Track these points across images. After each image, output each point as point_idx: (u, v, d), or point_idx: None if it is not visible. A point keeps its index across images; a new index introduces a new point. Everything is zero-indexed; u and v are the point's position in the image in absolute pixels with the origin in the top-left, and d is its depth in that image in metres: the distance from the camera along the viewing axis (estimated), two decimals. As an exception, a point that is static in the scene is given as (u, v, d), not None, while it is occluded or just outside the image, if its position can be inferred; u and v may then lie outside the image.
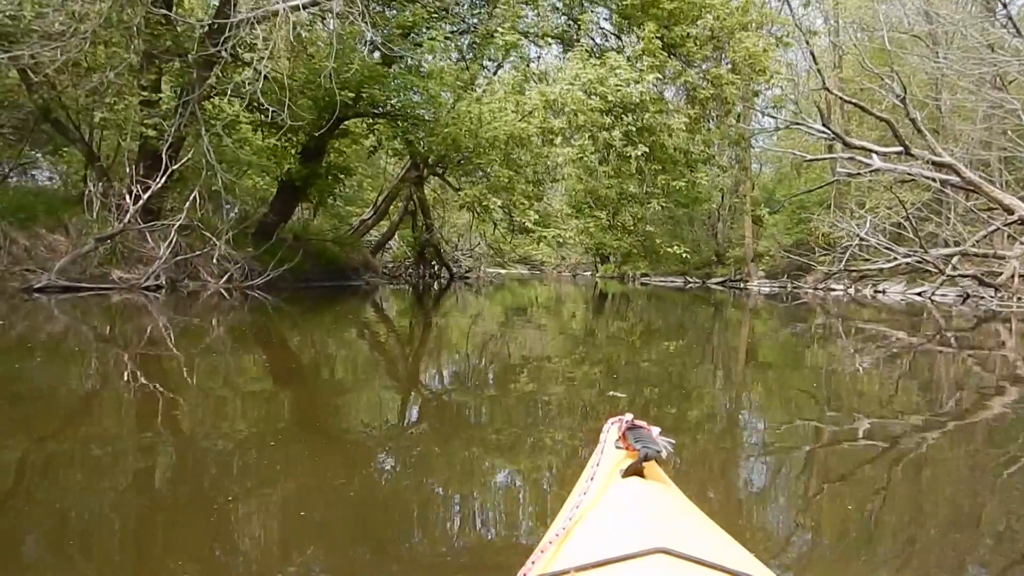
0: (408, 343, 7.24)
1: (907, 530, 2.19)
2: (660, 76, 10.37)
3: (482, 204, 10.62)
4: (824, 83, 19.64)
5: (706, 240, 30.00)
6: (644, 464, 1.14)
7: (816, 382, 5.41)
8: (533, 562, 0.97)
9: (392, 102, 10.94)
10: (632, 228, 12.97)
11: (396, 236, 21.87)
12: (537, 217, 10.85)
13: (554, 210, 13.06)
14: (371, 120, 11.70)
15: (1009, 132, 18.39)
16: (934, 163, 17.17)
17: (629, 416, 1.29)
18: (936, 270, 16.88)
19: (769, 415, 4.17)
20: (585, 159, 11.67)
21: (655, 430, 1.25)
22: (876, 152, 18.24)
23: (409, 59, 11.06)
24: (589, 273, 35.48)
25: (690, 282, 27.91)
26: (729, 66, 11.93)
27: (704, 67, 12.18)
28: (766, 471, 2.88)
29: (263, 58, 11.40)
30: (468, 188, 11.24)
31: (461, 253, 23.29)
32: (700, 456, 2.97)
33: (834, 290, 20.77)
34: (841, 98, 20.28)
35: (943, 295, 17.48)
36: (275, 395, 4.13)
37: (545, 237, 11.98)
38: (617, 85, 9.73)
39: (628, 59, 11.03)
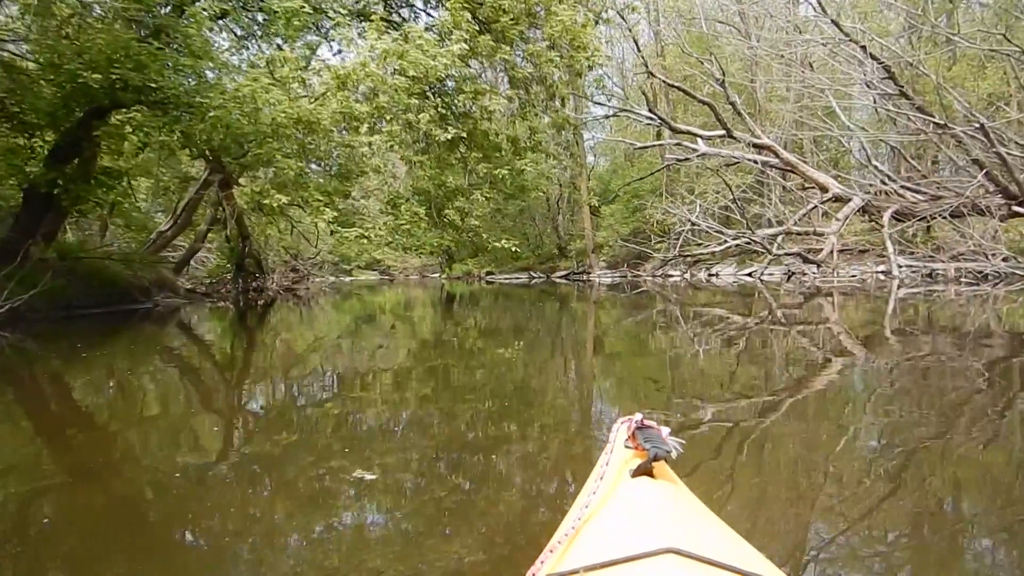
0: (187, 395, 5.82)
1: (750, 508, 2.23)
2: (467, 47, 9.50)
3: (264, 202, 9.23)
4: (648, 68, 19.97)
5: (548, 234, 30.07)
6: (654, 464, 1.17)
7: (661, 370, 5.48)
8: (542, 561, 0.97)
9: (164, 87, 9.27)
10: (459, 224, 12.08)
11: (215, 248, 19.65)
12: (335, 215, 9.61)
13: (362, 207, 11.89)
14: (127, 110, 9.85)
15: (820, 112, 19.54)
16: (754, 145, 17.88)
17: (639, 416, 1.31)
18: (763, 250, 17.50)
19: (619, 408, 4.05)
20: (398, 149, 10.64)
21: (665, 430, 1.29)
22: (701, 136, 18.74)
23: (179, 36, 9.44)
24: (438, 275, 34.68)
25: (535, 277, 27.80)
26: (548, 44, 11.37)
27: (523, 46, 11.56)
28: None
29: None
30: (248, 184, 9.78)
31: (299, 263, 21.52)
32: (554, 464, 2.87)
33: (672, 276, 21.25)
34: (664, 82, 20.75)
35: (771, 274, 18.25)
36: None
37: (348, 238, 10.77)
38: (419, 60, 8.76)
39: (439, 35, 10.15)
